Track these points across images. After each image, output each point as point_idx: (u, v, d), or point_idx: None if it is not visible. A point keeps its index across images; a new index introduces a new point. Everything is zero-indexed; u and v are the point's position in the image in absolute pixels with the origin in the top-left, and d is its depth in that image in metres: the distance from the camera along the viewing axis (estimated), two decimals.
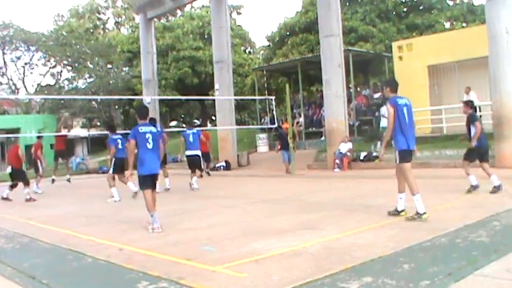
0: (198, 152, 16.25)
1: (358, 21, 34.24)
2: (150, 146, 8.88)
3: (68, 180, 20.04)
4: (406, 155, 8.39)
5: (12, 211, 13.17)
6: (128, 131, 9.90)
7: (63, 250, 7.65)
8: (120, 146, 14.01)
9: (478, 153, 11.06)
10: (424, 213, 8.05)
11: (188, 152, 16.17)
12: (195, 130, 16.67)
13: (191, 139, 16.05)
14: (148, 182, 8.93)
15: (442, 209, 9.19)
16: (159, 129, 13.70)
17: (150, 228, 8.71)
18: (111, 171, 14.36)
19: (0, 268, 6.67)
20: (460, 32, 25.45)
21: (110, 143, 14.34)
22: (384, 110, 13.72)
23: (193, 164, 16.21)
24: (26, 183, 15.36)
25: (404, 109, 8.39)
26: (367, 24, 34.13)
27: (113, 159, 14.19)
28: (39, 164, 17.67)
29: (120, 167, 13.87)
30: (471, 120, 11.18)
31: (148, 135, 8.90)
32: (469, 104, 11.66)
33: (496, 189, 10.72)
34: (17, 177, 15.61)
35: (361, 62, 28.82)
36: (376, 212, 9.21)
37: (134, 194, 13.65)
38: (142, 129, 8.96)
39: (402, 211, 8.53)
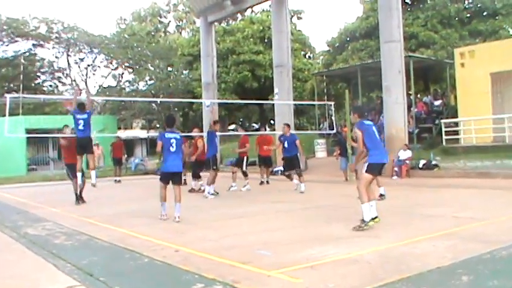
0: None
1: (420, 27, 33.65)
2: (173, 149, 10.29)
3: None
4: (375, 168, 9.00)
5: (74, 209, 13.41)
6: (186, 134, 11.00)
7: (120, 249, 7.78)
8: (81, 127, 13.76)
9: None
10: (370, 220, 8.57)
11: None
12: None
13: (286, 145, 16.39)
14: (167, 178, 10.47)
15: (502, 221, 8.96)
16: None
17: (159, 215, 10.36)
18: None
19: (60, 264, 6.82)
20: None
21: None
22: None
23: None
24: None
25: (373, 128, 9.08)
26: (429, 30, 33.50)
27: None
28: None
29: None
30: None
31: (172, 141, 10.29)
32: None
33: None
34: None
35: (421, 69, 28.42)
36: (434, 222, 9.08)
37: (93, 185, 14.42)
38: (167, 135, 10.43)
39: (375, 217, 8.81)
